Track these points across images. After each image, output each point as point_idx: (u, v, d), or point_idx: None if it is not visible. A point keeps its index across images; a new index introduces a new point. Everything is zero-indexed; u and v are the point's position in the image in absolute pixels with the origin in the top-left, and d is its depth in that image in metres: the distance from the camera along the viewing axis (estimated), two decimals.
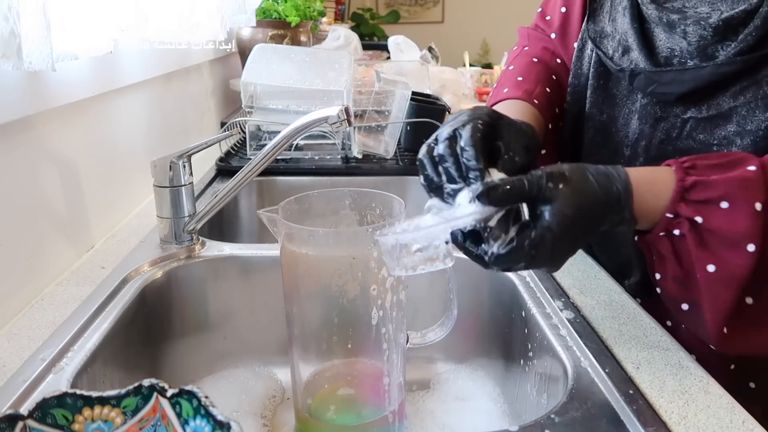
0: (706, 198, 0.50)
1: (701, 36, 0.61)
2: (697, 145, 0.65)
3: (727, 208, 0.49)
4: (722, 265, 0.50)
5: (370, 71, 1.44)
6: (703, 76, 0.61)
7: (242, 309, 0.86)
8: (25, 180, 0.71)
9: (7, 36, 0.58)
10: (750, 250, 0.49)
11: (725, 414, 0.51)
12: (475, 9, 4.91)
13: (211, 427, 0.44)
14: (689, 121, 0.65)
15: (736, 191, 0.50)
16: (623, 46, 0.70)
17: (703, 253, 0.50)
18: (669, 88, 0.64)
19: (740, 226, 0.49)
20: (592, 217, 0.50)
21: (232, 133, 0.98)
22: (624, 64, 0.69)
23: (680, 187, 0.51)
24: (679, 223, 0.51)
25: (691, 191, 0.51)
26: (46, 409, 0.45)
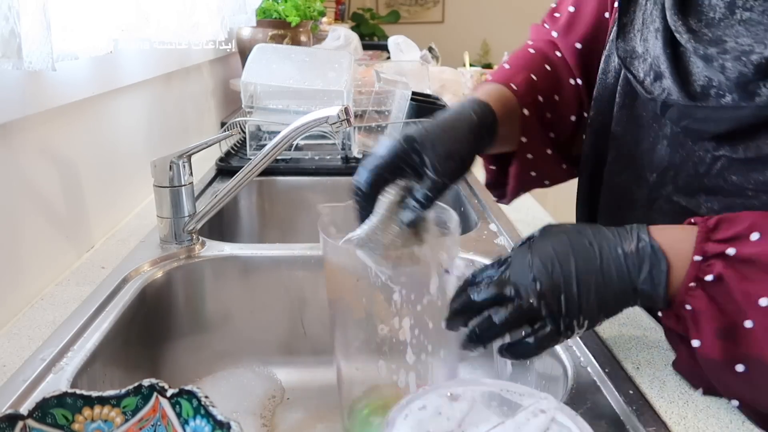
0: (734, 234, 0.47)
1: (741, 73, 0.54)
2: (728, 187, 0.59)
3: (758, 239, 0.46)
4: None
5: (370, 71, 1.44)
6: (741, 117, 0.55)
7: (242, 309, 0.86)
8: (25, 180, 0.71)
9: (7, 36, 0.58)
10: None
11: (725, 414, 0.51)
12: (475, 9, 4.91)
13: (211, 427, 0.44)
14: (721, 159, 0.59)
15: (764, 221, 0.47)
16: (655, 71, 0.63)
17: (749, 286, 0.46)
18: (703, 125, 0.59)
19: None
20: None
21: (232, 133, 0.98)
22: (656, 91, 0.63)
23: (704, 228, 0.49)
24: (710, 266, 0.47)
25: (716, 231, 0.48)
26: (46, 409, 0.45)
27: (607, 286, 0.48)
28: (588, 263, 0.48)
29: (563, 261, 0.48)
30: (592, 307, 0.49)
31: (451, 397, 0.47)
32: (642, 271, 0.48)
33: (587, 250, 0.49)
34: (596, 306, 0.49)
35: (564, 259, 0.48)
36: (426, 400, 0.45)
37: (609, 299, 0.49)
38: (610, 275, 0.48)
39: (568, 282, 0.48)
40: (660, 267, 0.48)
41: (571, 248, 0.49)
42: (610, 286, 0.48)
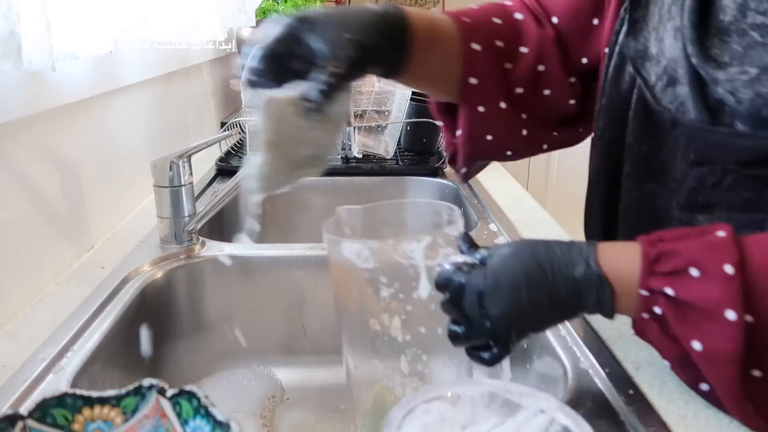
0: (674, 268, 0.46)
1: (758, 93, 0.49)
2: (740, 203, 0.54)
3: (698, 276, 0.45)
4: (707, 340, 0.45)
5: None
6: (762, 147, 0.50)
7: (242, 309, 0.86)
8: (25, 180, 0.71)
9: (7, 36, 0.58)
10: (731, 319, 0.44)
11: (725, 414, 0.51)
12: None
13: (211, 426, 0.44)
14: (731, 173, 0.54)
15: (702, 256, 0.45)
16: (669, 75, 0.57)
17: (685, 329, 0.46)
18: (718, 153, 0.53)
19: (715, 293, 0.44)
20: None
21: (232, 133, 0.98)
22: (667, 99, 0.57)
23: (646, 261, 0.47)
24: (656, 300, 0.47)
25: (657, 263, 0.47)
26: (46, 409, 0.45)
27: (558, 310, 0.49)
28: (539, 290, 0.48)
29: (515, 294, 0.48)
30: (542, 328, 0.51)
31: (452, 397, 0.47)
32: (589, 296, 0.48)
33: (541, 278, 0.49)
34: (548, 323, 0.51)
35: (516, 293, 0.48)
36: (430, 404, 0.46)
37: (558, 317, 0.50)
38: (561, 299, 0.49)
39: (519, 316, 0.49)
40: (605, 295, 0.48)
41: (524, 277, 0.49)
42: (559, 310, 0.49)
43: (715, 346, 0.45)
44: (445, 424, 0.45)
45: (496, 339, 0.50)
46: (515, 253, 0.50)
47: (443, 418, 0.45)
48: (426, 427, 0.44)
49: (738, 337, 0.44)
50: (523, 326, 0.50)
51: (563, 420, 0.43)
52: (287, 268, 0.86)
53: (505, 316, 0.49)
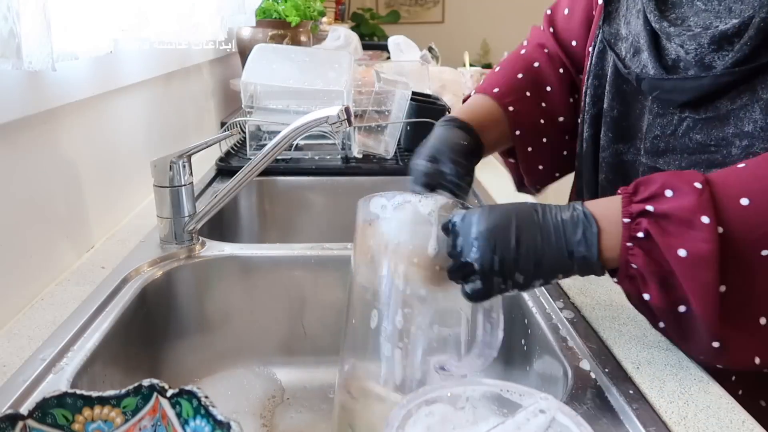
0: (651, 193, 0.53)
1: (699, 44, 0.62)
2: (693, 145, 0.66)
3: (672, 195, 0.52)
4: (689, 244, 0.51)
5: (370, 71, 1.44)
6: (703, 86, 0.63)
7: (242, 309, 0.86)
8: (25, 180, 0.71)
9: (6, 36, 0.58)
10: (705, 222, 0.50)
11: (725, 414, 0.51)
12: (475, 9, 4.91)
13: (211, 426, 0.44)
14: (686, 120, 0.67)
15: (673, 179, 0.53)
16: (635, 47, 0.71)
17: (668, 240, 0.51)
18: (671, 95, 0.67)
19: (688, 202, 0.51)
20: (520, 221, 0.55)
21: (232, 133, 0.99)
22: (633, 66, 0.71)
23: (626, 194, 0.54)
24: (638, 225, 0.53)
25: (636, 194, 0.54)
26: (46, 409, 0.45)
27: (545, 249, 0.54)
28: (530, 227, 0.54)
29: (504, 225, 0.54)
30: (528, 268, 0.54)
31: (452, 397, 0.47)
32: (576, 234, 0.54)
33: (530, 216, 0.55)
34: (533, 266, 0.54)
35: (506, 224, 0.54)
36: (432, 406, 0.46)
37: (546, 261, 0.54)
38: (549, 239, 0.54)
39: (506, 245, 0.54)
40: (591, 230, 0.54)
41: (515, 214, 0.55)
42: (547, 250, 0.54)
43: (697, 251, 0.50)
44: (447, 426, 0.45)
45: (480, 262, 0.54)
46: (511, 204, 0.58)
47: (446, 420, 0.45)
48: (429, 428, 0.44)
49: (713, 239, 0.50)
50: (506, 255, 0.54)
51: (563, 420, 0.43)
52: (287, 268, 0.86)
53: (490, 233, 0.54)
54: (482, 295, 0.56)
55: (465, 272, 0.56)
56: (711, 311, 0.51)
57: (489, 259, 0.54)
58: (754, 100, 0.61)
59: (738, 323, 0.52)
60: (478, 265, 0.54)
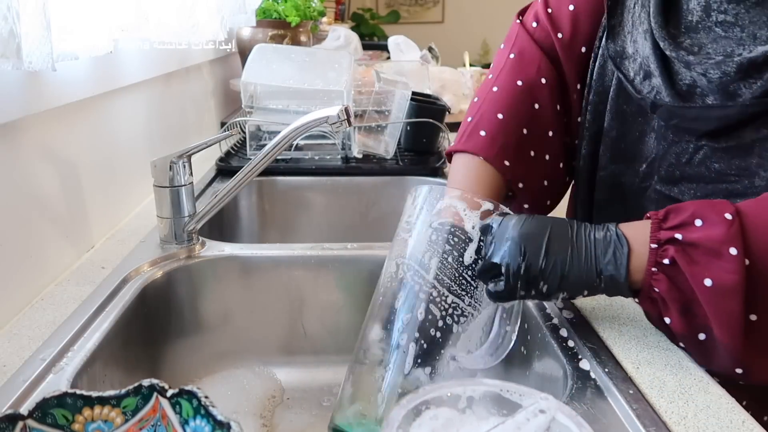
0: (681, 221, 0.53)
1: (724, 72, 0.59)
2: (711, 174, 0.64)
3: (701, 225, 0.52)
4: (715, 274, 0.51)
5: (370, 71, 1.44)
6: (729, 116, 0.60)
7: (242, 309, 0.86)
8: (25, 180, 0.71)
9: (6, 36, 0.58)
10: (733, 254, 0.50)
11: (725, 414, 0.51)
12: (475, 9, 4.91)
13: (211, 427, 0.44)
14: (702, 148, 0.64)
15: (704, 209, 0.53)
16: (644, 70, 0.67)
17: (695, 269, 0.52)
18: (694, 124, 0.64)
19: (717, 233, 0.51)
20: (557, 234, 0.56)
21: (232, 133, 0.98)
22: (645, 90, 0.68)
23: (656, 220, 0.55)
24: (665, 251, 0.53)
25: (665, 221, 0.54)
26: (46, 409, 0.45)
27: (573, 263, 0.55)
28: (561, 240, 0.55)
29: (537, 234, 0.55)
30: (554, 279, 0.55)
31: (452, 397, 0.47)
32: (607, 253, 0.55)
33: (564, 230, 0.56)
34: (559, 278, 0.55)
35: (538, 233, 0.55)
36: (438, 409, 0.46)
37: (572, 275, 0.55)
38: (578, 254, 0.55)
39: (536, 253, 0.55)
40: (622, 250, 0.54)
41: (550, 226, 0.56)
42: (576, 264, 0.55)
43: (722, 279, 0.51)
44: (451, 429, 0.45)
45: (507, 265, 0.55)
46: (548, 216, 0.59)
47: (450, 423, 0.46)
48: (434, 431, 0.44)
49: (740, 270, 0.50)
50: (533, 262, 0.54)
51: (563, 420, 0.43)
52: (287, 268, 0.86)
53: (521, 238, 0.55)
54: (504, 297, 0.57)
55: (492, 273, 0.57)
56: (735, 340, 0.52)
57: (516, 263, 0.55)
58: None
59: (764, 349, 0.53)
60: (505, 267, 0.55)
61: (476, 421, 0.46)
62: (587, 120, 0.77)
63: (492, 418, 0.46)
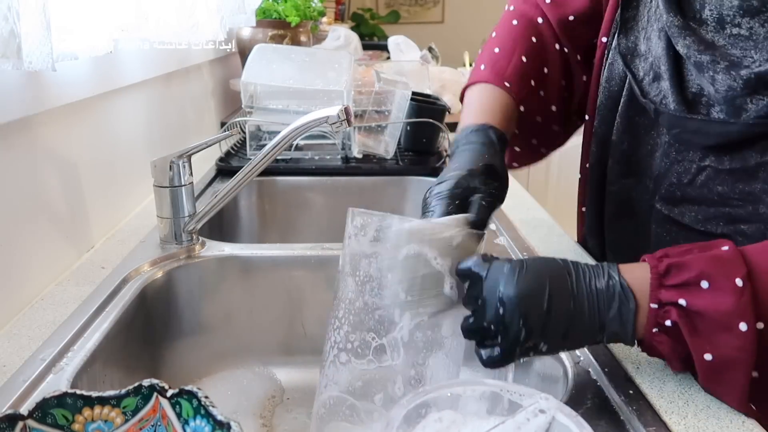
0: (684, 280, 0.48)
1: (730, 86, 0.56)
2: (713, 197, 0.60)
3: (707, 288, 0.47)
4: (719, 351, 0.47)
5: (370, 71, 1.44)
6: (731, 133, 0.57)
7: (242, 309, 0.86)
8: (25, 180, 0.71)
9: (6, 36, 0.58)
10: (743, 330, 0.46)
11: (725, 414, 0.51)
12: (475, 9, 4.91)
13: (211, 427, 0.44)
14: (705, 170, 0.60)
15: (712, 269, 0.48)
16: (655, 71, 0.64)
17: (697, 341, 0.48)
18: (694, 137, 0.60)
19: (726, 305, 0.46)
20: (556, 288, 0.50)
21: (232, 133, 0.98)
22: (653, 92, 0.64)
23: (656, 274, 0.49)
24: (666, 312, 0.49)
25: (667, 276, 0.49)
26: (46, 409, 0.45)
27: (576, 320, 0.49)
28: (562, 295, 0.49)
29: (536, 293, 0.49)
30: (556, 338, 0.50)
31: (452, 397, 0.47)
32: (611, 308, 0.49)
33: (564, 282, 0.50)
34: (561, 337, 0.50)
35: (538, 292, 0.49)
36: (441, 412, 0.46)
37: (575, 332, 0.50)
38: (581, 310, 0.49)
39: (536, 314, 0.49)
40: (628, 306, 0.49)
41: (548, 279, 0.49)
42: (578, 321, 0.49)
43: (726, 355, 0.47)
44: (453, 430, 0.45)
45: (504, 330, 0.49)
46: (541, 258, 0.52)
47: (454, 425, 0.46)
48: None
49: (749, 348, 0.46)
50: (534, 325, 0.49)
51: (563, 420, 0.43)
52: (287, 268, 0.86)
53: (520, 300, 0.48)
54: (499, 363, 0.51)
55: (484, 335, 0.51)
56: (737, 401, 0.50)
57: (516, 328, 0.49)
58: None
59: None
60: (502, 335, 0.49)
61: (477, 421, 0.46)
62: (594, 125, 0.74)
63: (492, 418, 0.46)
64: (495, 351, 0.51)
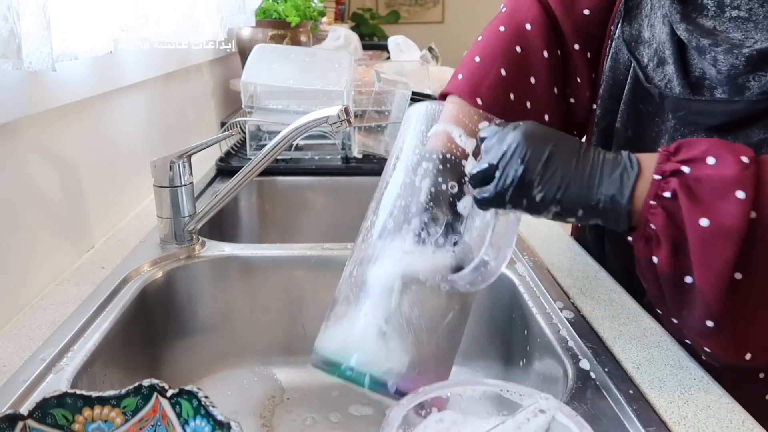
0: (692, 156, 0.50)
1: (732, 65, 0.57)
2: None
3: (713, 163, 0.49)
4: (715, 216, 0.47)
5: (370, 71, 1.44)
6: (735, 111, 0.58)
7: (242, 309, 0.86)
8: (25, 180, 0.71)
9: (6, 36, 0.58)
10: (740, 197, 0.47)
11: (725, 414, 0.51)
12: (475, 9, 4.91)
13: (211, 427, 0.44)
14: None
15: (720, 148, 0.49)
16: (659, 56, 0.65)
17: (694, 206, 0.48)
18: (699, 118, 0.62)
19: (728, 172, 0.48)
20: (567, 150, 0.52)
21: (232, 133, 0.99)
22: (657, 77, 0.65)
23: (665, 151, 0.51)
24: (667, 183, 0.49)
25: (676, 154, 0.51)
26: (46, 409, 0.45)
27: (575, 174, 0.51)
28: (567, 151, 0.52)
29: (543, 139, 0.52)
30: (551, 187, 0.51)
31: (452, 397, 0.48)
32: (614, 172, 0.51)
33: (572, 144, 0.53)
34: (556, 188, 0.51)
35: (545, 139, 0.52)
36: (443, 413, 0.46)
37: (572, 187, 0.51)
38: (583, 168, 0.51)
39: (536, 157, 0.51)
40: (631, 171, 0.51)
41: (558, 136, 0.53)
42: (578, 176, 0.51)
43: (721, 222, 0.47)
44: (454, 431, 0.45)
45: (504, 167, 0.51)
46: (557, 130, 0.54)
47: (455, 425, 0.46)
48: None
49: (743, 217, 0.46)
50: (531, 165, 0.51)
51: (563, 420, 0.43)
52: (287, 268, 0.86)
53: (525, 139, 0.51)
54: (491, 202, 0.53)
55: (486, 176, 0.53)
56: (716, 289, 0.48)
57: (515, 165, 0.51)
58: None
59: (743, 312, 0.50)
60: (501, 170, 0.51)
61: (477, 421, 0.47)
62: (597, 115, 0.75)
63: (492, 418, 0.46)
64: (488, 189, 0.53)
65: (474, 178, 0.54)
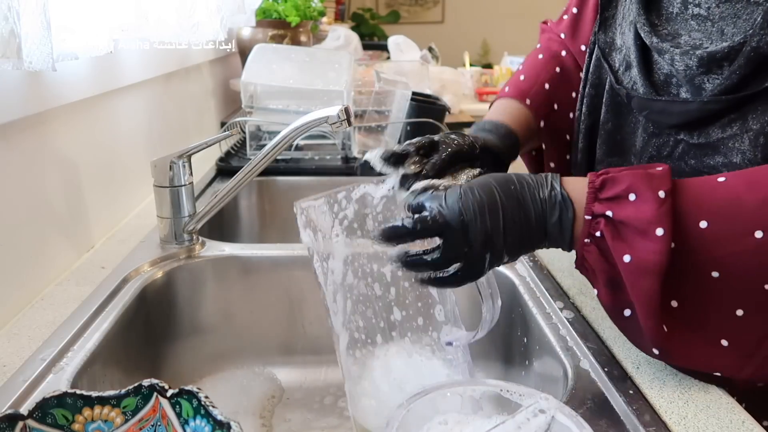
0: (615, 194, 0.52)
1: (687, 66, 0.60)
2: (688, 170, 0.64)
3: (634, 199, 0.51)
4: (636, 253, 0.51)
5: (370, 71, 1.44)
6: (690, 111, 0.61)
7: (242, 309, 0.86)
8: (26, 180, 0.71)
9: (7, 36, 0.58)
10: (659, 234, 0.50)
11: (725, 414, 0.51)
12: (475, 9, 4.91)
13: (211, 427, 0.44)
14: (681, 143, 0.65)
15: (640, 183, 0.52)
16: (627, 62, 0.69)
17: (618, 245, 0.52)
18: (660, 117, 0.65)
19: (646, 213, 0.51)
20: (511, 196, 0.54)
21: (232, 133, 0.98)
22: (625, 80, 0.70)
23: (592, 188, 0.53)
24: (597, 224, 0.53)
25: (602, 190, 0.53)
26: (46, 409, 0.45)
27: (526, 226, 0.53)
28: (512, 205, 0.53)
29: (490, 196, 0.53)
30: (515, 244, 0.53)
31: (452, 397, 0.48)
32: (553, 215, 0.54)
33: (512, 193, 0.54)
34: (518, 244, 0.54)
35: (491, 196, 0.53)
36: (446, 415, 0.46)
37: (525, 238, 0.54)
38: (529, 216, 0.53)
39: (494, 217, 0.52)
40: (567, 214, 0.53)
41: (499, 187, 0.54)
42: (528, 227, 0.53)
43: (642, 258, 0.50)
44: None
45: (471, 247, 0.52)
46: (486, 175, 0.56)
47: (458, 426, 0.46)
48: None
49: (663, 252, 0.50)
50: (494, 233, 0.52)
51: (563, 420, 0.43)
52: (287, 268, 0.86)
53: (484, 209, 0.52)
54: (469, 279, 0.55)
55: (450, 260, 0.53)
56: (651, 320, 0.51)
57: (480, 241, 0.52)
58: (744, 130, 0.58)
59: (683, 337, 0.53)
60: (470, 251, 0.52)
61: (478, 420, 0.47)
62: (583, 113, 0.78)
63: (492, 418, 0.46)
64: (461, 270, 0.54)
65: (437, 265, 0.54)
